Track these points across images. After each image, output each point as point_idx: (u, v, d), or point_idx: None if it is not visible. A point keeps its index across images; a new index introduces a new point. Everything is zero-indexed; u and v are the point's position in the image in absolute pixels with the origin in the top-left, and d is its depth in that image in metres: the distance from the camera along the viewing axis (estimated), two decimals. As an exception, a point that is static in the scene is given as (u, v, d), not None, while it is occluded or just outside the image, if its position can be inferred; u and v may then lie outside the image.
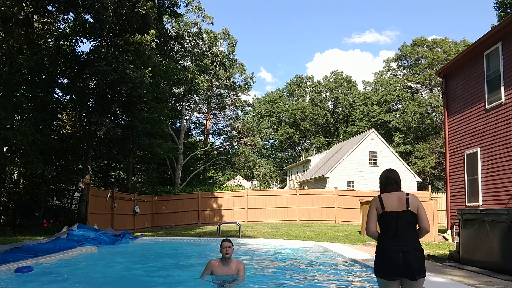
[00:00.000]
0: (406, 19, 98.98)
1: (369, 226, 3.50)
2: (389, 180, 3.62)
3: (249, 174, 43.93)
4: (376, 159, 33.82)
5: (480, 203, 12.37)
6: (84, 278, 7.23)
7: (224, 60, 36.41)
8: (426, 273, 3.43)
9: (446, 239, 13.97)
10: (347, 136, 57.08)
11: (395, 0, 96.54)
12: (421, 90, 53.90)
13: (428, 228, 3.45)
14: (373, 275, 7.30)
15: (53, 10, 18.05)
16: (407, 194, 3.52)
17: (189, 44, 33.37)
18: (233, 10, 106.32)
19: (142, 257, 10.68)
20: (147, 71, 17.80)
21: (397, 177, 3.65)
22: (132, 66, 17.01)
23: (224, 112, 41.75)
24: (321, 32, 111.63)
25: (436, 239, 13.61)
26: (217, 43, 36.41)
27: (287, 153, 69.24)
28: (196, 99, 36.77)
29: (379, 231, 3.56)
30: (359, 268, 8.15)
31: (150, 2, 18.72)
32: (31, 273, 7.05)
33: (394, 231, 3.37)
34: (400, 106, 55.13)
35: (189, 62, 33.12)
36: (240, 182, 54.20)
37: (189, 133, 40.29)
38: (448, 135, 14.77)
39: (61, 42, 18.29)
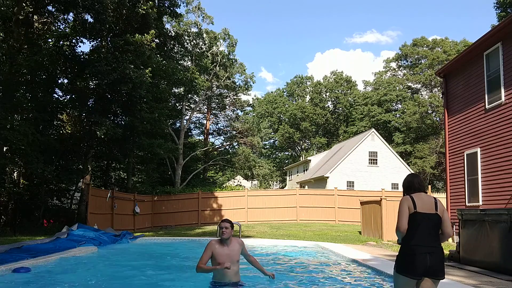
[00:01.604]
0: (407, 19, 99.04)
1: (402, 223, 3.49)
2: (413, 184, 3.69)
3: (249, 174, 43.90)
4: (376, 159, 33.81)
5: (480, 203, 12.37)
6: (84, 278, 7.23)
7: (224, 60, 36.39)
8: None
9: (446, 239, 13.96)
10: (347, 136, 57.08)
11: (397, 0, 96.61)
12: (421, 90, 53.89)
13: (451, 233, 3.58)
14: (373, 275, 7.31)
15: (53, 10, 18.04)
16: (435, 198, 3.62)
17: (189, 44, 33.34)
18: (234, 10, 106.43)
19: (142, 257, 10.68)
20: (147, 71, 17.79)
21: (421, 181, 3.74)
22: (132, 66, 17.01)
23: (224, 112, 41.73)
24: (322, 32, 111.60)
25: (436, 239, 13.60)
26: (217, 43, 36.39)
27: (287, 153, 69.23)
28: (196, 99, 36.76)
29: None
30: (359, 268, 8.16)
31: (150, 2, 18.71)
32: (31, 273, 7.06)
33: (423, 232, 3.46)
34: (400, 106, 55.14)
35: (189, 62, 33.10)
36: (240, 182, 54.19)
37: (189, 133, 40.26)
38: (448, 135, 14.77)
39: (61, 42, 18.28)
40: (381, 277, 6.99)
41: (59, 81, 19.33)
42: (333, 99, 65.31)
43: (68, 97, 19.49)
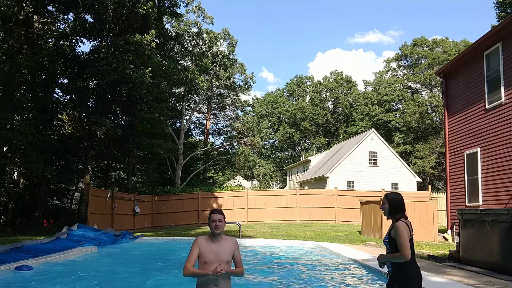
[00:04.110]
0: (409, 19, 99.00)
1: (410, 251, 3.54)
2: (403, 205, 3.77)
3: (249, 174, 43.90)
4: (376, 159, 33.81)
5: (480, 203, 12.37)
6: (83, 278, 7.24)
7: (224, 60, 36.40)
8: (426, 273, 3.93)
9: (446, 239, 13.97)
10: (347, 136, 57.07)
11: (399, 0, 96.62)
12: (421, 90, 53.88)
13: None
14: (373, 275, 7.31)
15: (53, 10, 18.05)
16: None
17: (189, 44, 33.34)
18: (234, 10, 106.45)
19: (141, 257, 10.69)
20: (147, 71, 17.79)
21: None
22: (132, 66, 17.01)
23: (224, 112, 41.73)
24: (323, 32, 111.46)
25: (436, 239, 13.62)
26: (217, 43, 36.39)
27: (287, 153, 69.23)
28: (196, 99, 36.76)
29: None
30: (359, 268, 8.16)
31: (150, 2, 18.71)
32: (31, 273, 7.06)
33: (414, 253, 3.67)
34: (400, 106, 55.12)
35: (189, 62, 33.09)
36: (240, 182, 54.16)
37: (189, 133, 40.25)
38: (448, 135, 14.77)
39: (61, 42, 18.29)
40: (381, 277, 6.99)
41: (59, 81, 19.33)
42: (333, 99, 65.32)
43: (68, 97, 19.49)
